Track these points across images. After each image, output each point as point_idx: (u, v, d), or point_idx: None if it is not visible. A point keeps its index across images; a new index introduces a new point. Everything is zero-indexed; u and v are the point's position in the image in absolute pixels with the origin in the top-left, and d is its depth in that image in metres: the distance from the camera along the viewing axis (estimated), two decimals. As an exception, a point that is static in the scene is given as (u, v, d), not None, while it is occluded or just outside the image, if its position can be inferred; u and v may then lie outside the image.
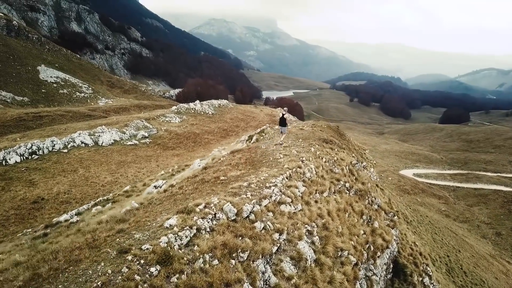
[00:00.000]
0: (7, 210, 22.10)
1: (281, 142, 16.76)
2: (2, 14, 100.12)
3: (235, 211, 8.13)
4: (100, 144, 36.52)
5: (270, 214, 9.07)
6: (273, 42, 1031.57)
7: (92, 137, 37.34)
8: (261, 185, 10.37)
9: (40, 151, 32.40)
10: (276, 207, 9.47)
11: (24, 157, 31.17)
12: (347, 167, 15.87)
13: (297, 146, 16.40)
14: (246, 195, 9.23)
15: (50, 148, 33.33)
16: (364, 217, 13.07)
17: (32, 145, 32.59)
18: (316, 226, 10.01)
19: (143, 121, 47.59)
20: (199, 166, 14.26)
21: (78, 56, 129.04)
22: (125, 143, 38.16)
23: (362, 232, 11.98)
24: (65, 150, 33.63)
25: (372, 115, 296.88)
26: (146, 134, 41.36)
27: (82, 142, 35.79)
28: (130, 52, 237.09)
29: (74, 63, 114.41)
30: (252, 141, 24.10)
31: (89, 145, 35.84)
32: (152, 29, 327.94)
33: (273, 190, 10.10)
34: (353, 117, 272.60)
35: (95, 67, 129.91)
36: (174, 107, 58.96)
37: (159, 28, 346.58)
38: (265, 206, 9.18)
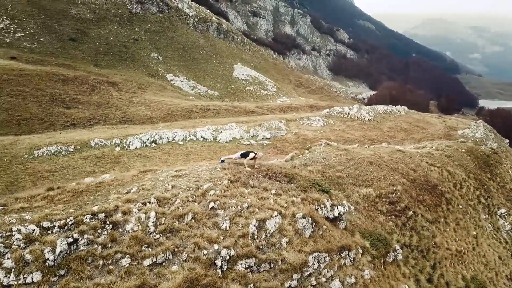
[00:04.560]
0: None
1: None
2: (215, 19, 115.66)
3: None
4: (218, 141, 37.08)
5: None
6: (506, 44, 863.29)
7: (214, 132, 38.30)
8: None
9: (160, 140, 35.07)
10: None
11: (145, 144, 34.28)
12: (272, 222, 9.98)
13: (200, 180, 11.40)
14: None
15: (170, 139, 35.68)
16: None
17: (156, 134, 35.62)
18: None
19: (281, 122, 46.32)
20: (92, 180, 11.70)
21: (275, 56, 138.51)
22: (242, 142, 37.67)
23: None
24: (182, 142, 35.45)
25: None
26: (268, 135, 39.77)
27: (201, 137, 37.08)
28: (335, 53, 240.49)
29: (269, 62, 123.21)
30: (290, 158, 19.32)
31: (207, 140, 36.80)
32: (363, 30, 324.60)
33: None
34: None
35: (288, 66, 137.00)
36: (326, 110, 55.56)
37: (370, 29, 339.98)
38: None
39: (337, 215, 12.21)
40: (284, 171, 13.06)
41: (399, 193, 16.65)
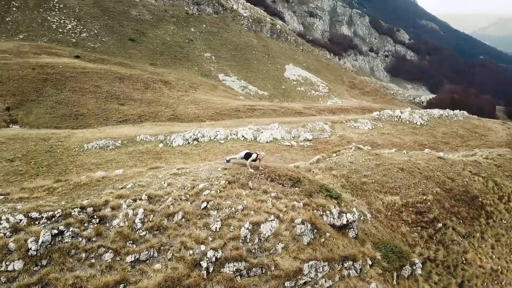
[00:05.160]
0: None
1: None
2: (269, 19, 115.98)
3: None
4: (258, 141, 37.05)
5: None
6: None
7: (256, 132, 38.33)
8: None
9: (202, 138, 35.77)
10: None
11: (188, 142, 35.15)
12: (267, 226, 9.64)
13: (197, 179, 11.26)
14: None
15: (212, 137, 36.27)
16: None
17: (198, 132, 36.37)
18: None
19: (326, 123, 45.42)
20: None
21: (328, 57, 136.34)
22: (282, 142, 37.33)
23: None
24: (222, 141, 35.89)
25: None
26: (310, 137, 39.06)
27: (242, 136, 37.27)
28: (393, 55, 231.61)
29: (322, 63, 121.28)
30: (315, 161, 18.57)
31: (247, 140, 36.91)
32: (425, 31, 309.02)
33: None
34: None
35: (342, 67, 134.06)
36: (375, 113, 53.60)
37: (433, 29, 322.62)
38: None
39: (345, 222, 11.57)
40: (289, 174, 12.56)
41: (429, 203, 15.46)
